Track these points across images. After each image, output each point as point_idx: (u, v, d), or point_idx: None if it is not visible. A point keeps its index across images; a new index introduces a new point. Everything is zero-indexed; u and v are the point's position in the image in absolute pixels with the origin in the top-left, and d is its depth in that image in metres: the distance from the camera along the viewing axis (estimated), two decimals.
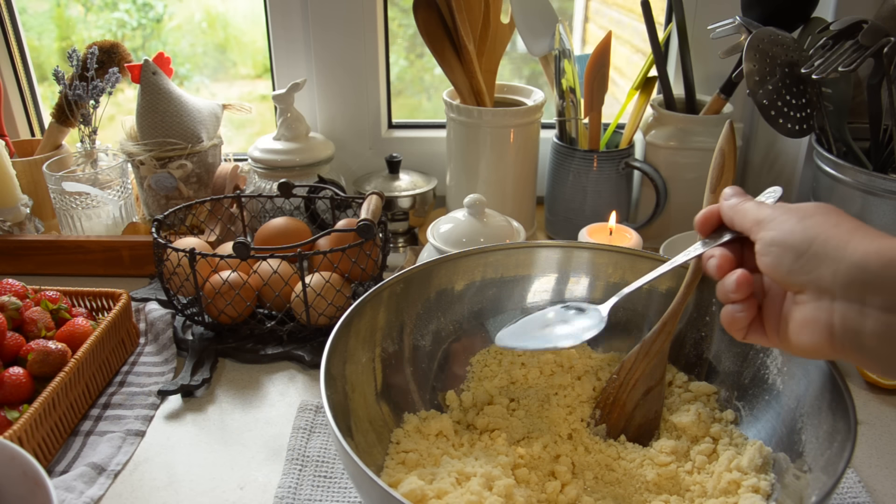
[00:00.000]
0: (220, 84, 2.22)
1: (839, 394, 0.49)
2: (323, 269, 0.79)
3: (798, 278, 0.42)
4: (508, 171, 0.96)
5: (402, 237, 1.04)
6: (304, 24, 1.05)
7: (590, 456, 0.60)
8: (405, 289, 0.64)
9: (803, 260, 0.42)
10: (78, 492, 0.60)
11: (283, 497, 0.59)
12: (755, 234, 0.45)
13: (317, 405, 0.70)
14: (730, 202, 0.49)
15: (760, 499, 0.51)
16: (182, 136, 0.97)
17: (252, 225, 0.97)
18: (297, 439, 0.66)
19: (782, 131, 0.78)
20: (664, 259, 0.65)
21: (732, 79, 0.90)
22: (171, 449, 0.66)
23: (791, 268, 0.42)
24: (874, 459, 0.64)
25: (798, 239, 0.42)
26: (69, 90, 1.02)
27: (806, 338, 0.43)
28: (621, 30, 1.69)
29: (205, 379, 0.74)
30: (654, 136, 0.95)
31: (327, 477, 0.62)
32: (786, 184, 0.95)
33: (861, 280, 0.39)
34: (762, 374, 0.59)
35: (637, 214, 1.03)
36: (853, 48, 0.73)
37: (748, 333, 0.48)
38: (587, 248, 0.68)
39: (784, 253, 0.43)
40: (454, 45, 0.93)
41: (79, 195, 0.97)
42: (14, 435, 0.58)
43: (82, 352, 0.68)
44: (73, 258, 0.95)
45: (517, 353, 0.67)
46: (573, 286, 0.69)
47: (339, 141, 1.10)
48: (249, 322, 0.79)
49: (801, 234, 0.42)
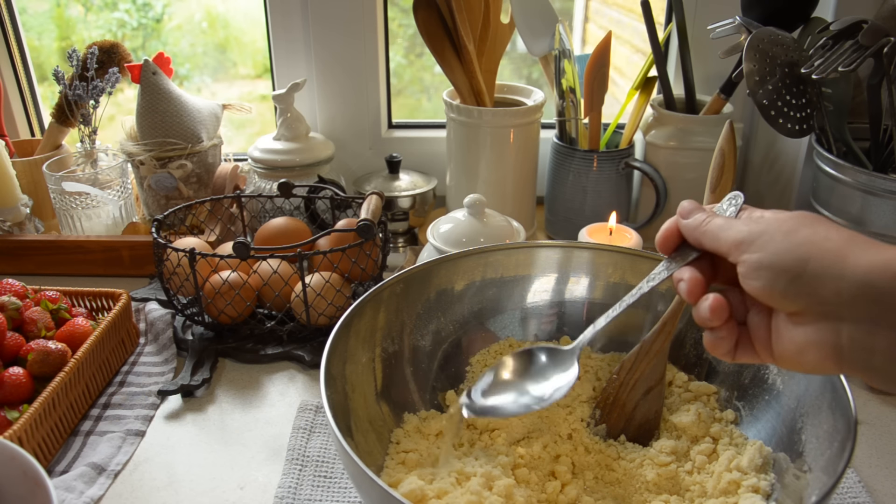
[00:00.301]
0: (220, 84, 2.22)
1: (839, 394, 0.49)
2: (323, 269, 0.79)
3: (795, 302, 0.39)
4: (508, 171, 0.96)
5: (402, 237, 1.04)
6: (304, 25, 1.05)
7: (590, 456, 0.60)
8: (405, 289, 0.64)
9: (800, 283, 0.39)
10: (78, 492, 0.60)
11: (283, 497, 0.59)
12: (736, 257, 0.41)
13: (317, 405, 0.70)
14: (690, 221, 0.45)
15: (760, 499, 0.51)
16: (182, 136, 0.97)
17: (252, 225, 0.97)
18: (297, 439, 0.66)
19: (782, 131, 0.78)
20: (664, 258, 0.65)
21: (732, 79, 0.90)
22: (171, 449, 0.66)
23: (786, 291, 0.39)
24: (874, 459, 0.64)
25: (790, 260, 0.39)
26: (69, 90, 1.02)
27: (811, 358, 0.40)
28: (621, 30, 1.69)
29: (205, 379, 0.74)
30: (654, 136, 0.95)
31: (327, 477, 0.62)
32: (786, 184, 0.95)
33: (870, 298, 0.37)
34: (762, 374, 0.59)
35: (637, 214, 1.03)
36: (853, 48, 0.73)
37: (736, 355, 0.44)
38: (587, 248, 0.68)
39: (776, 277, 0.39)
40: (454, 45, 0.93)
41: (79, 195, 0.97)
42: (14, 435, 0.58)
43: (82, 352, 0.68)
44: (73, 258, 0.95)
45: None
46: (573, 286, 0.69)
47: (339, 141, 1.10)
48: (249, 322, 0.79)
49: (793, 253, 0.39)
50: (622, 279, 0.67)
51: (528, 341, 0.69)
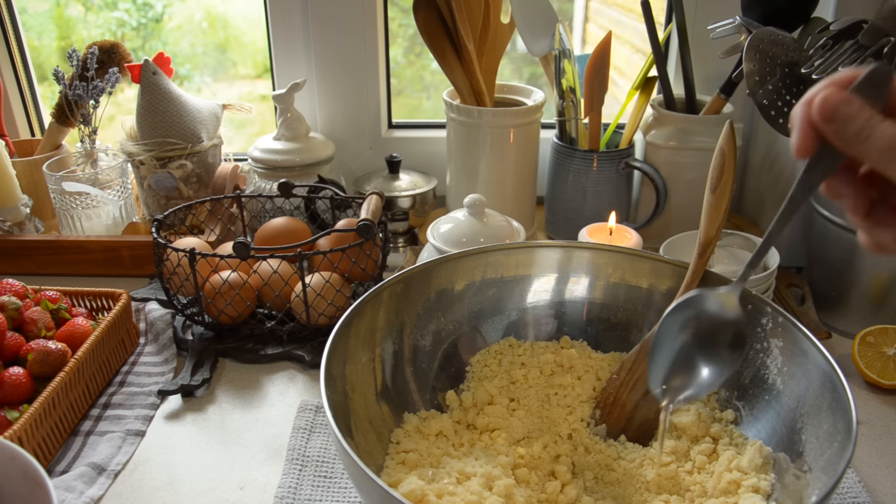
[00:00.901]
0: (220, 84, 2.22)
1: (839, 394, 0.49)
2: (323, 269, 0.79)
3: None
4: (508, 171, 0.96)
5: (402, 237, 1.04)
6: (304, 25, 1.05)
7: (590, 456, 0.60)
8: (405, 289, 0.64)
9: None
10: (78, 492, 0.60)
11: (283, 497, 0.59)
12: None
13: (317, 405, 0.70)
14: (844, 129, 0.35)
15: (760, 499, 0.51)
16: (182, 136, 0.97)
17: (252, 225, 0.97)
18: (297, 439, 0.66)
19: (782, 131, 0.78)
20: (664, 259, 0.66)
21: (732, 79, 0.90)
22: (171, 449, 0.66)
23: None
24: (874, 459, 0.64)
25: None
26: (69, 90, 1.02)
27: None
28: (621, 30, 1.69)
29: (205, 379, 0.74)
30: (654, 136, 0.95)
31: (327, 477, 0.62)
32: (786, 184, 0.95)
33: None
34: (762, 374, 0.59)
35: (637, 214, 1.03)
36: (853, 48, 0.73)
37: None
38: (587, 248, 0.68)
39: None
40: (454, 45, 0.93)
41: (79, 195, 0.97)
42: (14, 435, 0.58)
43: (82, 352, 0.68)
44: (73, 258, 0.95)
45: (517, 353, 0.67)
46: (573, 286, 0.69)
47: (339, 141, 1.10)
48: (249, 322, 0.79)
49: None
50: (622, 279, 0.67)
51: (528, 342, 0.69)
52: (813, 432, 0.52)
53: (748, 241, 0.82)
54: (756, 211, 1.06)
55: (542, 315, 0.70)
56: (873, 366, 0.72)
